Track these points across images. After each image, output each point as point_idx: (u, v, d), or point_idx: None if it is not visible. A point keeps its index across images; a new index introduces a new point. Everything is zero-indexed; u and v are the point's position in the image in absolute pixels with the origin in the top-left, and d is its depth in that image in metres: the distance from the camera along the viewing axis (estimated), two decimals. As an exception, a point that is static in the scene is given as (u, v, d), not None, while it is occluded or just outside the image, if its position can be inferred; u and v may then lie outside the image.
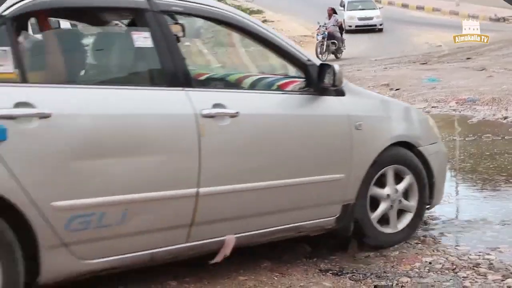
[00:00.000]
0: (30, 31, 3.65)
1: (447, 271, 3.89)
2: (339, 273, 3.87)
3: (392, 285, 3.69)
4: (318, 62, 3.99)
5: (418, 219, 4.47)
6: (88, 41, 3.80)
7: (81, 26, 3.95)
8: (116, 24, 3.84)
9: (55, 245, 3.02)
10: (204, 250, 3.58)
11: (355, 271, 3.91)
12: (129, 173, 3.20)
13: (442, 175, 4.67)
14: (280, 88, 3.97)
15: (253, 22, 3.89)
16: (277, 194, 3.76)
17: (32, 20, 3.66)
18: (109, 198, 3.14)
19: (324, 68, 3.89)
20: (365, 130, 4.06)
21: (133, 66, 3.66)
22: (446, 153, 4.91)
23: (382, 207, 4.25)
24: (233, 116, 3.53)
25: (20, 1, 3.07)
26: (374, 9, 29.22)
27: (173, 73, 3.45)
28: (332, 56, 22.31)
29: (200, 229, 3.47)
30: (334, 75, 3.85)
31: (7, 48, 2.98)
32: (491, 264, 4.01)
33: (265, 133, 3.70)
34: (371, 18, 28.47)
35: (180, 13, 3.68)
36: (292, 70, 4.19)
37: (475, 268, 3.94)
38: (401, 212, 4.38)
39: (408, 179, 4.35)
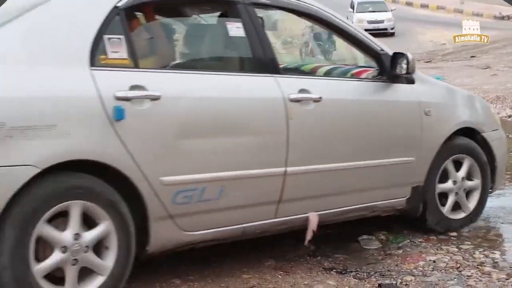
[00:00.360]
0: None
1: (451, 270, 3.89)
2: (343, 272, 3.86)
3: (396, 283, 3.69)
4: (390, 51, 4.21)
5: (481, 204, 4.70)
6: (188, 31, 4.24)
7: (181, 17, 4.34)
8: (214, 15, 4.14)
9: (162, 217, 3.28)
10: (289, 226, 3.82)
11: (359, 270, 3.90)
12: (226, 152, 3.46)
13: (503, 160, 4.91)
14: (355, 76, 4.23)
15: (333, 15, 4.13)
16: (355, 175, 4.00)
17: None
18: (209, 174, 3.39)
19: (397, 57, 4.14)
20: (433, 116, 4.31)
21: (228, 53, 3.98)
22: (505, 139, 5.09)
23: (449, 191, 4.51)
24: (316, 100, 3.77)
25: None
26: (386, 11, 27.57)
27: (263, 61, 3.71)
28: (321, 57, 21.87)
29: (287, 205, 3.72)
30: (408, 63, 4.09)
31: (121, 37, 3.25)
32: (496, 263, 4.00)
33: (344, 117, 3.96)
34: (381, 22, 26.82)
35: (268, 6, 3.99)
36: (361, 61, 4.52)
37: (479, 266, 3.94)
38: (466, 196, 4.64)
39: (471, 167, 4.58)
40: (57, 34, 3.12)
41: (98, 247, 3.12)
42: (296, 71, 4.27)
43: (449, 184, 4.50)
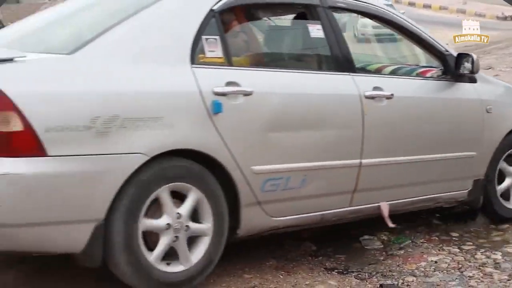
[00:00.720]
0: None
1: (453, 271, 3.89)
2: (344, 272, 3.87)
3: (397, 284, 3.69)
4: (454, 52, 4.47)
5: None
6: (275, 32, 4.51)
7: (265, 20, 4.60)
8: (296, 18, 4.33)
9: (252, 203, 3.54)
10: (361, 214, 4.12)
11: (360, 270, 3.90)
12: (308, 144, 3.72)
13: None
14: (421, 75, 4.48)
15: (402, 17, 4.44)
16: (422, 167, 4.26)
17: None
18: (294, 165, 3.67)
19: (461, 57, 4.43)
20: (494, 113, 4.61)
21: (310, 53, 4.22)
22: None
23: (507, 182, 4.82)
24: (388, 97, 4.05)
25: None
26: None
27: (341, 60, 3.99)
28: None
29: (361, 195, 3.99)
30: (473, 64, 4.39)
31: (217, 37, 3.53)
32: (497, 263, 4.01)
33: (413, 113, 4.22)
34: None
35: (343, 9, 4.29)
36: (423, 60, 4.76)
37: (481, 267, 3.94)
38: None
39: None
40: (162, 34, 3.42)
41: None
42: (363, 70, 4.42)
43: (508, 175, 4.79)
